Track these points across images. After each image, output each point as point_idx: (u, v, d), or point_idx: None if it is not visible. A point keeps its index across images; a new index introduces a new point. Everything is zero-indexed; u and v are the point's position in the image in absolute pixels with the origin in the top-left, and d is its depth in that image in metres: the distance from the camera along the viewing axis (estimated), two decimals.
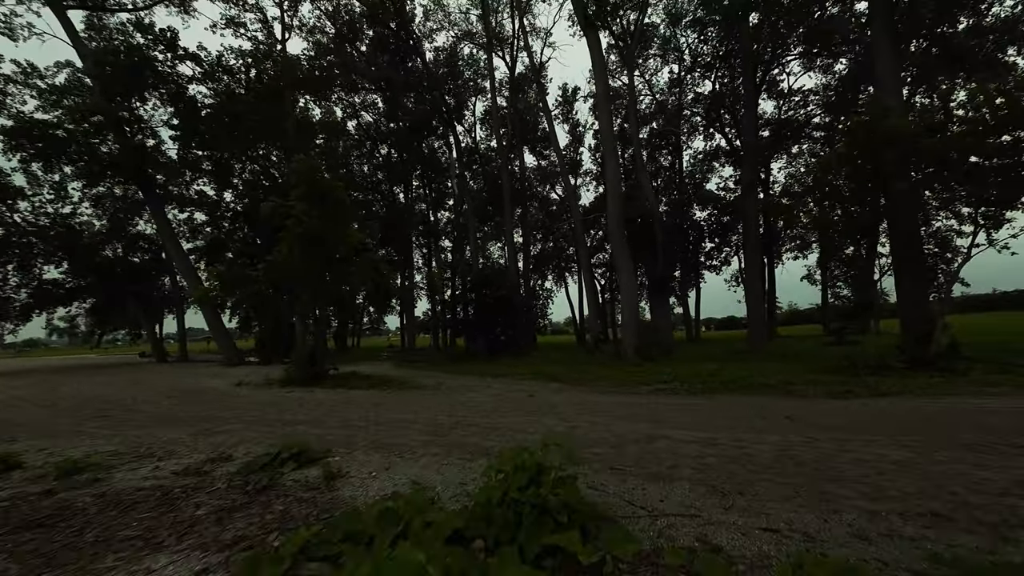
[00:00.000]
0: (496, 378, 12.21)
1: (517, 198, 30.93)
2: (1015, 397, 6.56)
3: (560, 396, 8.28)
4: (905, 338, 11.09)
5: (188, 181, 26.17)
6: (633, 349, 14.54)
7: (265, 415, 6.86)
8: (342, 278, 10.82)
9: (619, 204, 14.70)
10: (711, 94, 29.73)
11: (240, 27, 23.72)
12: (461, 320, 22.09)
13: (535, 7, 27.62)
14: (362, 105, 31.67)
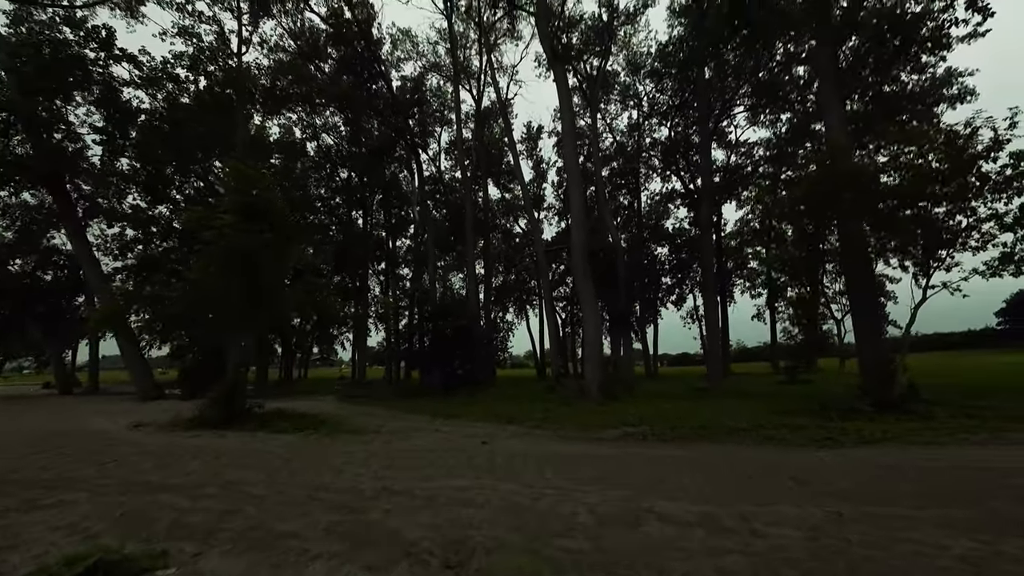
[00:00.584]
0: (448, 419, 10.81)
1: (480, 229, 30.20)
2: (1001, 445, 6.05)
3: (518, 444, 7.08)
4: (865, 379, 10.78)
5: (119, 193, 23.58)
6: (596, 386, 13.59)
7: (135, 474, 5.21)
8: (273, 303, 9.27)
9: (584, 235, 14.12)
10: (667, 140, 30.85)
11: (193, 37, 22.21)
12: (415, 352, 20.47)
13: (502, 45, 27.90)
14: (323, 127, 30.45)
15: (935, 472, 4.76)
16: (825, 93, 12.33)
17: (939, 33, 12.28)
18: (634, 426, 8.81)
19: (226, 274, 8.53)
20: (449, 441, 7.44)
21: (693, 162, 30.45)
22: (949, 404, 9.85)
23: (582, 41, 25.94)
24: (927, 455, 5.64)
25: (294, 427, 9.00)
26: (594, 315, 14.04)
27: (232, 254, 8.31)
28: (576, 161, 13.97)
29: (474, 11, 24.82)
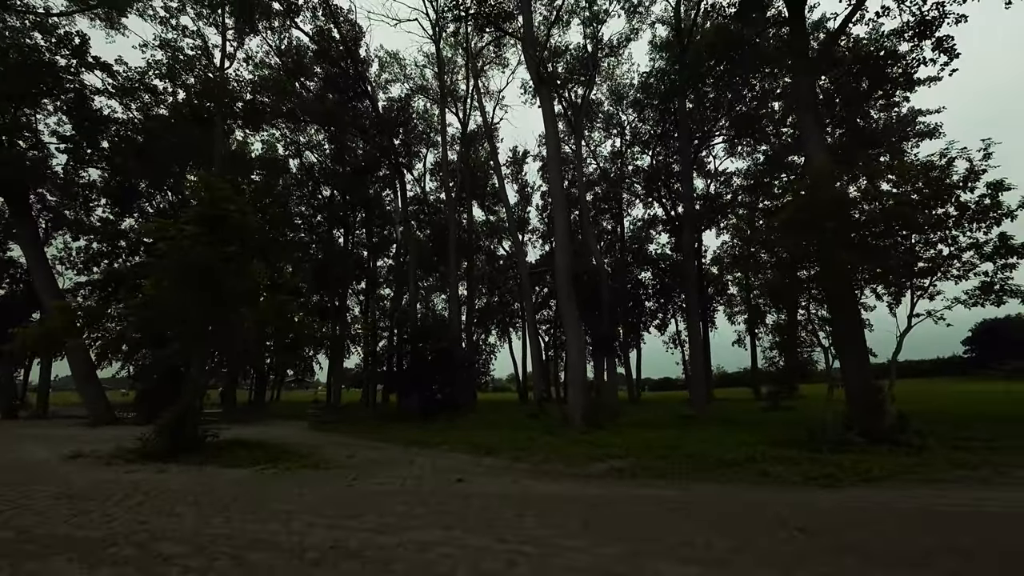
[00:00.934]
0: (423, 449, 10.02)
1: (464, 250, 29.75)
2: (1006, 485, 5.67)
3: (496, 482, 6.40)
4: (852, 408, 10.47)
5: (86, 204, 22.41)
6: (580, 413, 12.97)
7: (37, 525, 4.36)
8: (236, 322, 8.50)
9: (568, 258, 13.77)
10: (649, 167, 31.29)
11: (175, 51, 21.69)
12: (394, 375, 19.55)
13: (489, 71, 28.18)
14: (307, 145, 29.95)
15: (953, 519, 4.31)
16: (805, 123, 12.46)
17: (909, 71, 12.64)
18: (621, 459, 8.22)
19: (182, 289, 7.77)
20: (420, 477, 6.71)
21: (674, 190, 30.92)
22: (938, 435, 9.58)
23: (567, 70, 26.40)
24: (933, 496, 5.21)
25: (250, 460, 8.11)
26: (577, 339, 13.54)
27: (189, 268, 7.58)
28: (561, 183, 13.75)
29: (461, 37, 25.07)
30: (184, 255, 7.36)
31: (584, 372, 13.92)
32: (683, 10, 20.83)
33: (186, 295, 7.68)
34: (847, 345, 11.08)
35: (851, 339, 11.09)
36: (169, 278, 7.56)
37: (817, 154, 12.16)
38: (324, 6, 16.64)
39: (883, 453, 8.19)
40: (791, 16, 13.18)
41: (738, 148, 30.23)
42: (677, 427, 13.75)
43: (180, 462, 8.02)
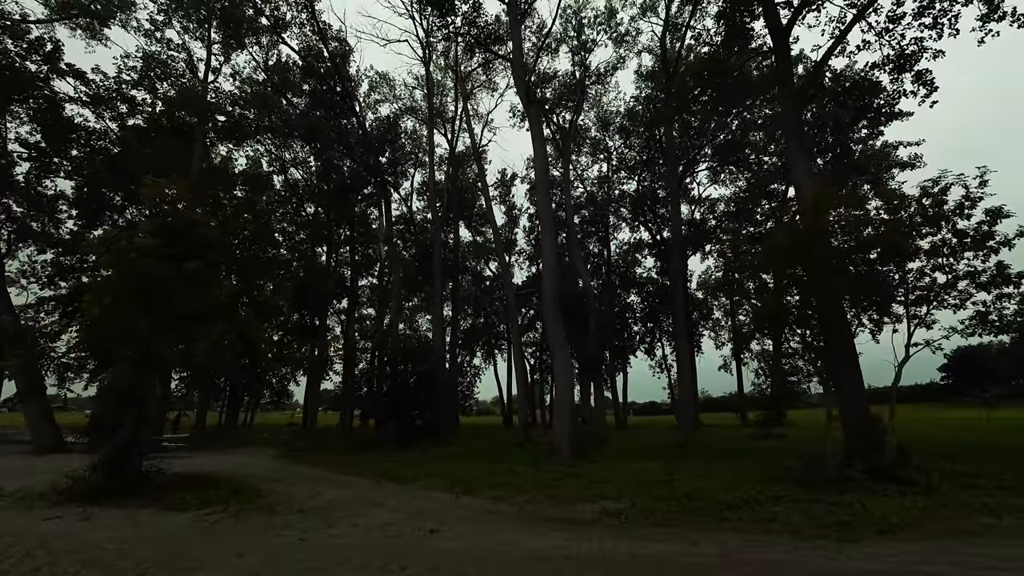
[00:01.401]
0: (398, 485, 9.09)
1: (450, 271, 29.10)
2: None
3: (474, 532, 5.57)
4: (849, 439, 9.93)
5: (54, 216, 21.18)
6: (567, 442, 12.16)
7: None
8: (189, 342, 7.61)
9: (555, 279, 13.21)
10: (635, 192, 31.43)
11: (150, 58, 21.03)
12: (371, 399, 18.46)
13: (478, 94, 28.22)
14: (292, 161, 29.33)
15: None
16: (792, 150, 12.33)
17: (891, 102, 12.73)
18: (613, 499, 7.46)
19: (128, 307, 6.90)
20: (388, 526, 5.84)
21: (660, 214, 31.05)
22: (939, 470, 9.06)
23: (556, 95, 26.60)
24: (970, 551, 4.58)
25: (197, 501, 7.09)
26: (565, 364, 12.85)
27: (136, 283, 6.74)
28: (549, 203, 13.32)
29: (451, 60, 25.12)
30: (130, 268, 6.53)
31: (571, 399, 13.19)
32: (668, 41, 21.21)
33: (130, 313, 6.80)
34: (841, 372, 10.64)
35: (845, 366, 10.67)
36: (111, 294, 6.69)
37: (804, 181, 11.99)
38: (312, 23, 16.34)
39: (890, 494, 7.59)
40: (776, 47, 13.26)
41: (721, 176, 30.65)
42: (667, 457, 13.02)
43: (116, 504, 6.97)
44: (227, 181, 29.95)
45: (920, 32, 13.01)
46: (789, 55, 13.09)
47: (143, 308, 7.16)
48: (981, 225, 7.79)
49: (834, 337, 10.33)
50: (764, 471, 9.95)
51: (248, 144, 27.91)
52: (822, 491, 7.82)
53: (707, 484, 8.25)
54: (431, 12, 16.08)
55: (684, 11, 21.43)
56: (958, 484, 8.11)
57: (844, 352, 10.50)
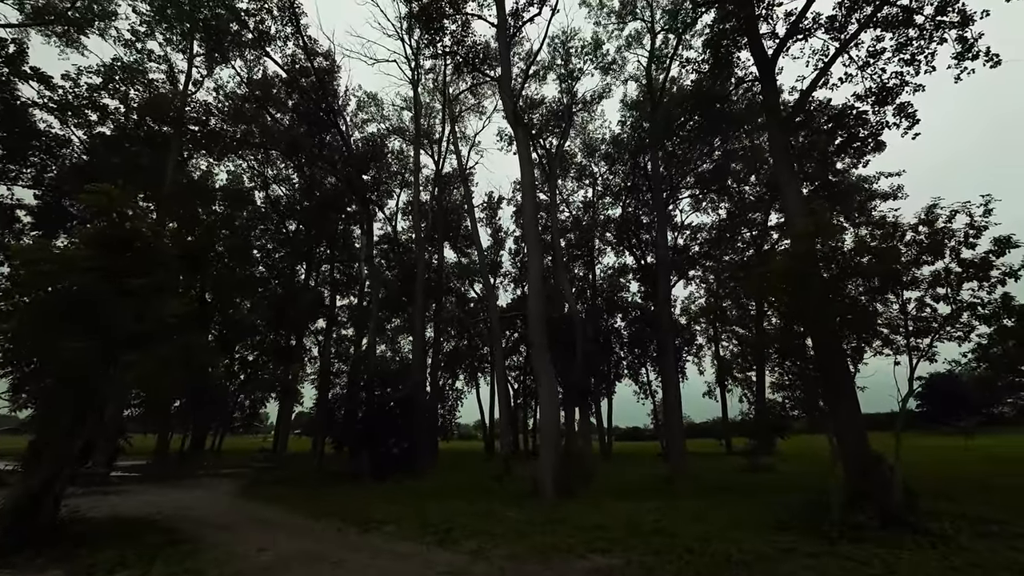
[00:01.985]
0: (362, 533, 7.93)
1: (433, 292, 28.15)
2: None
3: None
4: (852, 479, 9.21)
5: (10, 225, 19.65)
6: (551, 480, 11.13)
7: None
8: (124, 368, 6.52)
9: (541, 301, 12.44)
10: (619, 218, 31.35)
11: (138, 75, 20.17)
12: (345, 426, 17.09)
13: (466, 117, 28.04)
14: (275, 178, 28.39)
15: None
16: (782, 176, 12.07)
17: (875, 132, 12.70)
18: (604, 552, 6.51)
19: (47, 328, 5.82)
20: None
21: (644, 240, 30.98)
22: (948, 513, 8.41)
23: (543, 120, 26.58)
24: None
25: (116, 559, 5.87)
26: (551, 393, 11.95)
27: (59, 302, 5.70)
28: (536, 223, 12.71)
29: (439, 83, 24.93)
30: (50, 284, 5.50)
31: (557, 431, 12.24)
32: (654, 70, 21.41)
33: (51, 336, 5.73)
34: (839, 405, 10.03)
35: (843, 399, 10.06)
36: (30, 314, 5.63)
37: (795, 207, 11.69)
38: (296, 37, 15.81)
39: (905, 544, 6.84)
40: (762, 77, 13.19)
41: (703, 204, 30.84)
42: (658, 494, 12.10)
43: (12, 565, 5.69)
44: (206, 196, 28.79)
45: (900, 67, 13.17)
46: (775, 84, 13.02)
47: (71, 327, 6.08)
48: (989, 255, 7.37)
49: (831, 369, 9.75)
50: (763, 513, 9.17)
51: (229, 159, 26.97)
52: (832, 541, 7.06)
53: (707, 532, 7.38)
54: (420, 34, 15.72)
55: (669, 43, 21.76)
56: (973, 532, 7.45)
57: (842, 384, 9.93)
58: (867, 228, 9.36)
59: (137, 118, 17.91)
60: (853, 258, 8.17)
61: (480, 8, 15.25)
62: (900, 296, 8.88)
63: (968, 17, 12.56)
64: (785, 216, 11.79)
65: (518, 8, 15.37)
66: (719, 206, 30.18)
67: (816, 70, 13.45)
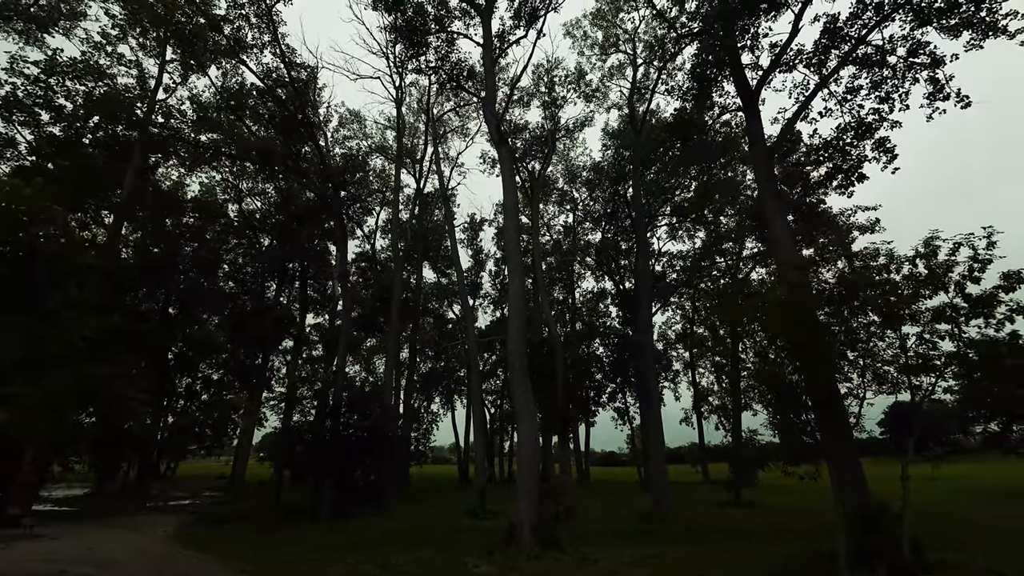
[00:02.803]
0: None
1: (411, 312, 26.74)
2: None
3: None
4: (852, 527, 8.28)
5: None
6: (528, 526, 9.79)
7: None
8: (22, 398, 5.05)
9: (522, 324, 11.36)
10: (599, 243, 30.96)
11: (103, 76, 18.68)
12: (305, 455, 15.31)
13: (451, 138, 27.42)
14: (250, 191, 26.80)
15: None
16: (768, 205, 11.58)
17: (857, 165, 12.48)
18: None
19: None
20: None
21: (622, 265, 30.61)
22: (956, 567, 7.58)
23: (527, 145, 26.21)
24: None
25: None
26: (531, 425, 10.75)
27: None
28: (518, 241, 11.79)
29: (424, 103, 24.30)
30: None
31: (536, 468, 10.96)
32: (636, 100, 21.33)
33: None
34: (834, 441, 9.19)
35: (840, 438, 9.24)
36: None
37: (783, 237, 11.15)
38: (274, 44, 14.82)
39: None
40: (745, 107, 12.90)
41: (679, 233, 30.77)
42: (646, 537, 10.92)
43: None
44: (175, 206, 26.95)
45: (876, 104, 13.11)
46: (759, 115, 12.70)
47: None
48: (997, 290, 6.78)
49: (829, 408, 8.93)
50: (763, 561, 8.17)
51: (202, 170, 25.35)
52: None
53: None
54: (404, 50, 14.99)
55: (650, 75, 21.84)
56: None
57: (840, 426, 9.11)
58: (860, 260, 8.81)
59: (96, 121, 16.36)
60: (854, 290, 7.43)
61: (466, 27, 14.67)
62: (899, 332, 8.24)
63: (938, 60, 12.65)
64: (772, 245, 11.22)
65: (504, 31, 14.91)
66: (695, 235, 30.18)
67: (798, 103, 13.28)
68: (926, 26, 12.48)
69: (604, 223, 30.57)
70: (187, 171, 24.39)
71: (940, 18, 12.28)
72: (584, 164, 30.24)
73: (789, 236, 11.05)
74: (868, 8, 12.39)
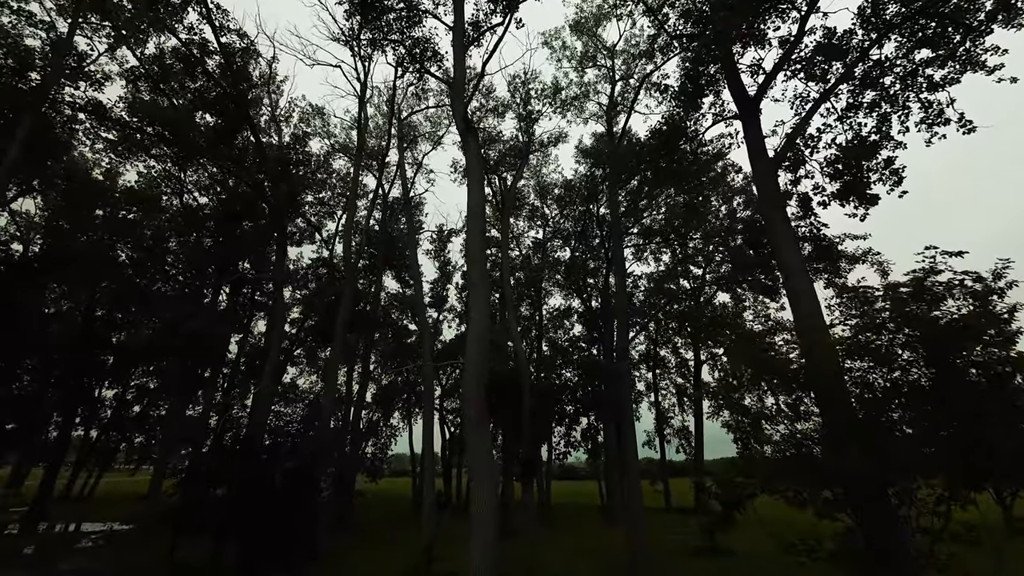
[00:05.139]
0: None
1: (367, 324, 22.93)
2: None
3: None
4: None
5: None
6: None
7: None
8: None
9: (483, 355, 8.20)
10: (568, 260, 28.47)
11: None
12: (208, 504, 11.27)
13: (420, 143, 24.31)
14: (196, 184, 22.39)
15: None
16: (774, 224, 9.15)
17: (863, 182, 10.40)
18: None
19: None
20: None
21: (589, 284, 28.26)
22: None
23: (499, 156, 23.51)
24: None
25: None
26: (489, 488, 7.53)
27: None
28: (482, 242, 8.82)
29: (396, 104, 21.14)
30: None
31: (492, 539, 7.67)
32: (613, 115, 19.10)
33: None
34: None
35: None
36: None
37: (795, 264, 8.70)
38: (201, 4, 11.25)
39: None
40: (743, 116, 10.60)
41: (644, 254, 28.77)
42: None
43: None
44: (104, 196, 22.23)
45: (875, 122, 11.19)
46: (759, 125, 10.40)
47: None
48: None
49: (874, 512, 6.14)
50: None
51: (139, 158, 20.82)
52: None
53: None
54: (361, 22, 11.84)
55: (628, 91, 19.73)
56: None
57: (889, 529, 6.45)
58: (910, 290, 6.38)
59: None
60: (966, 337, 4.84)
61: (435, 6, 11.75)
62: None
63: (935, 83, 10.91)
64: (781, 271, 8.73)
65: (479, 18, 12.13)
66: (660, 257, 28.29)
67: (797, 116, 11.17)
68: (922, 48, 10.74)
69: (573, 241, 28.21)
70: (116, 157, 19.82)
71: (932, 46, 10.55)
72: (556, 181, 27.89)
73: (802, 263, 8.62)
74: (867, 23, 10.51)
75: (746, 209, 18.46)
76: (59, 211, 22.40)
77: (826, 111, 11.39)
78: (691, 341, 26.60)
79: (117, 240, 21.94)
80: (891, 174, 10.53)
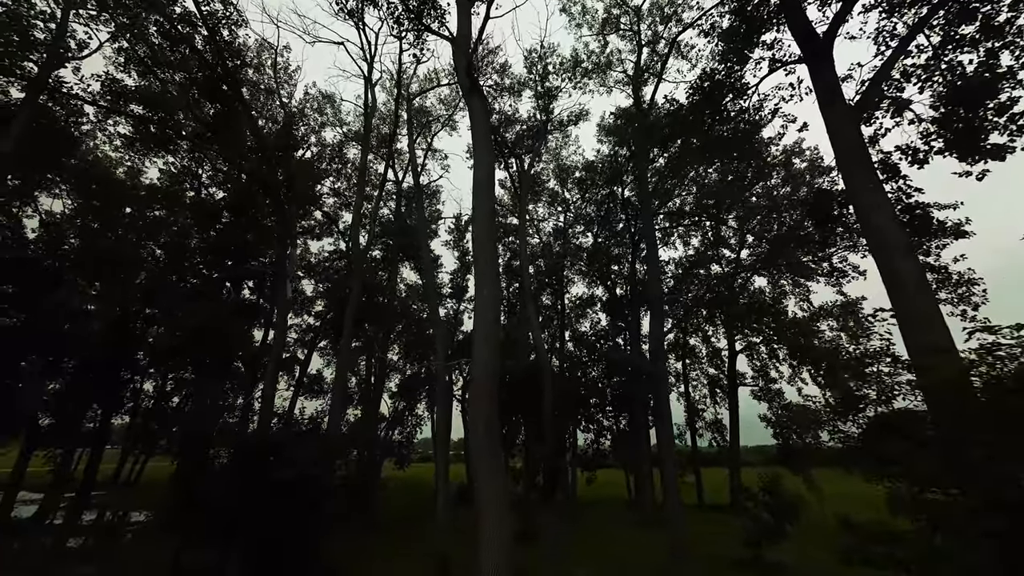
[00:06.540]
0: None
1: (380, 316, 21.78)
2: None
3: None
4: None
5: None
6: None
7: None
8: None
9: (493, 358, 6.54)
10: (591, 247, 26.32)
11: None
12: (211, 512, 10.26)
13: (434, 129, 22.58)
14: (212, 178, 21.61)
15: None
16: (860, 184, 6.97)
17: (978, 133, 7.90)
18: None
19: None
20: None
21: (612, 272, 26.08)
22: None
23: (516, 137, 21.53)
24: None
25: None
26: (499, 525, 5.92)
27: None
28: (491, 214, 7.14)
29: (405, 88, 19.47)
30: None
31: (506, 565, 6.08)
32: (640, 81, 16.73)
33: None
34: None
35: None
36: None
37: (890, 230, 6.55)
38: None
39: None
40: (808, 58, 8.29)
41: (671, 239, 26.22)
42: None
43: None
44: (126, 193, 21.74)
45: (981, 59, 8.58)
46: (833, 67, 8.07)
47: None
48: None
49: None
50: None
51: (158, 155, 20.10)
52: None
53: None
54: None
55: (655, 60, 17.28)
56: None
57: None
58: None
59: None
60: None
61: None
62: None
63: None
64: (872, 244, 6.56)
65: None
66: (688, 241, 25.67)
67: (881, 55, 8.71)
68: None
69: (596, 227, 25.99)
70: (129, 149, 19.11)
71: None
72: (576, 164, 25.64)
73: (905, 237, 6.44)
74: None
75: (807, 176, 15.77)
76: (86, 211, 22.15)
77: (916, 48, 8.86)
78: (724, 329, 24.05)
79: (146, 239, 21.57)
80: (1008, 121, 7.98)
